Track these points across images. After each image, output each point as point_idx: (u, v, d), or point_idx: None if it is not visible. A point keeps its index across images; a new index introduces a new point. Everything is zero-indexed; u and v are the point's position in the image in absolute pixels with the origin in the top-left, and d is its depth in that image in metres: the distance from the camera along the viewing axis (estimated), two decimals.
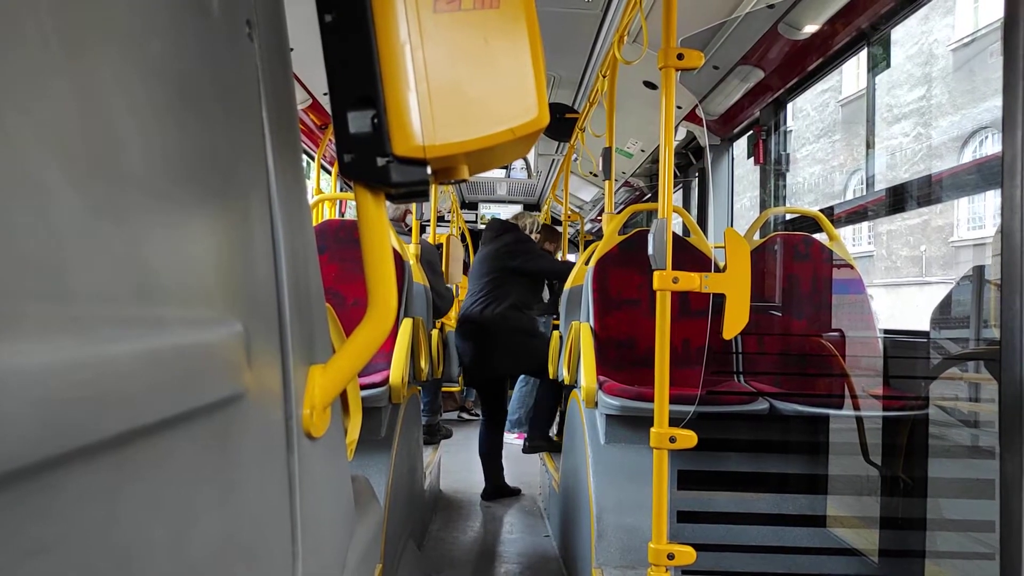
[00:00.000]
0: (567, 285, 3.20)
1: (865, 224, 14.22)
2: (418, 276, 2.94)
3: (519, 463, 4.41)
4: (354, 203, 0.65)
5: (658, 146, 1.81)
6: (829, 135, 16.90)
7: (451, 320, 5.38)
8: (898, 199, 2.51)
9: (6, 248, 0.28)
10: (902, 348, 2.52)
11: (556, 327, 3.52)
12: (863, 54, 2.82)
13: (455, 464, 4.19)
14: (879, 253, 15.13)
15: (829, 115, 16.90)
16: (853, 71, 15.60)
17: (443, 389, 4.91)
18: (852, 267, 2.83)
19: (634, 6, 2.13)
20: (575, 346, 2.62)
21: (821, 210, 2.99)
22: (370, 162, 0.60)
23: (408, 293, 2.68)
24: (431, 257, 3.38)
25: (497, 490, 3.72)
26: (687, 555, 1.50)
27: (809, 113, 17.31)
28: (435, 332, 3.18)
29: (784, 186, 3.62)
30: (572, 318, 2.92)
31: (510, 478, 3.80)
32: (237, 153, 0.56)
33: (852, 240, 15.60)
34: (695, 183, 4.79)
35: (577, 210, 6.75)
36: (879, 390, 2.36)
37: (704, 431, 1.55)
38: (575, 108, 4.22)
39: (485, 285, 3.57)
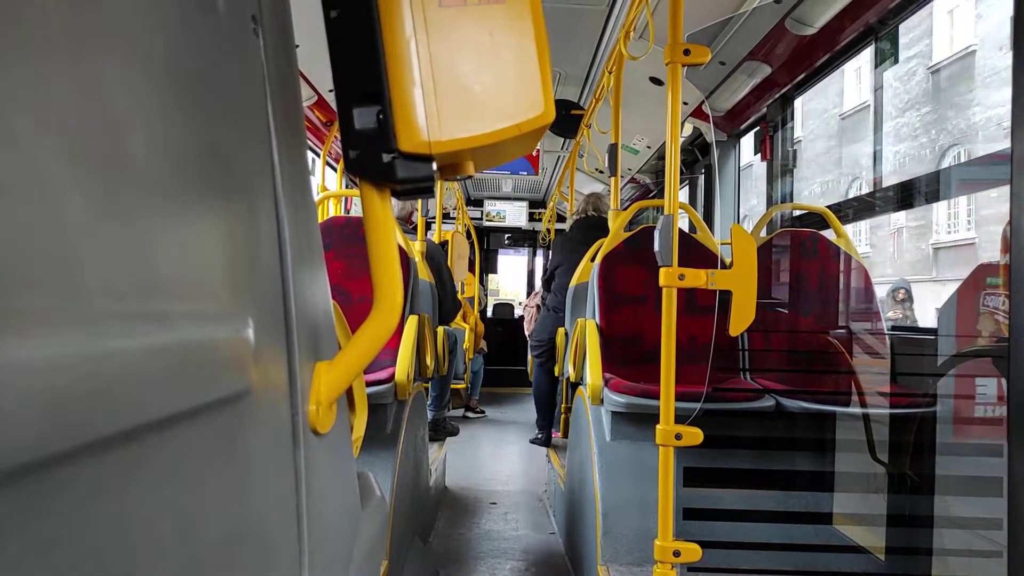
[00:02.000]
0: (572, 282, 3.19)
1: (964, 206, 12.62)
2: (423, 273, 2.94)
3: (524, 460, 4.42)
4: (359, 199, 0.65)
5: (664, 142, 1.81)
6: (917, 107, 14.16)
7: (457, 319, 5.38)
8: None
9: (12, 244, 0.28)
10: (909, 345, 2.51)
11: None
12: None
13: (461, 461, 4.20)
14: (982, 240, 12.59)
15: (917, 84, 14.17)
16: (947, 31, 13.14)
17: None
18: (860, 263, 2.81)
19: (640, 2, 2.12)
20: (581, 343, 2.62)
21: (829, 206, 2.98)
22: (375, 158, 0.60)
23: (414, 290, 2.69)
24: (438, 259, 3.33)
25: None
26: (693, 552, 1.49)
27: (891, 84, 14.52)
28: (440, 329, 3.18)
29: (792, 182, 3.59)
30: (578, 315, 2.91)
31: (514, 475, 3.80)
32: (242, 150, 0.56)
33: (948, 227, 13.49)
34: (701, 179, 4.78)
35: None
36: (886, 387, 2.35)
37: (710, 428, 1.54)
38: (581, 104, 4.22)
39: None
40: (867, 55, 2.85)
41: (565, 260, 3.64)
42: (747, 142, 3.96)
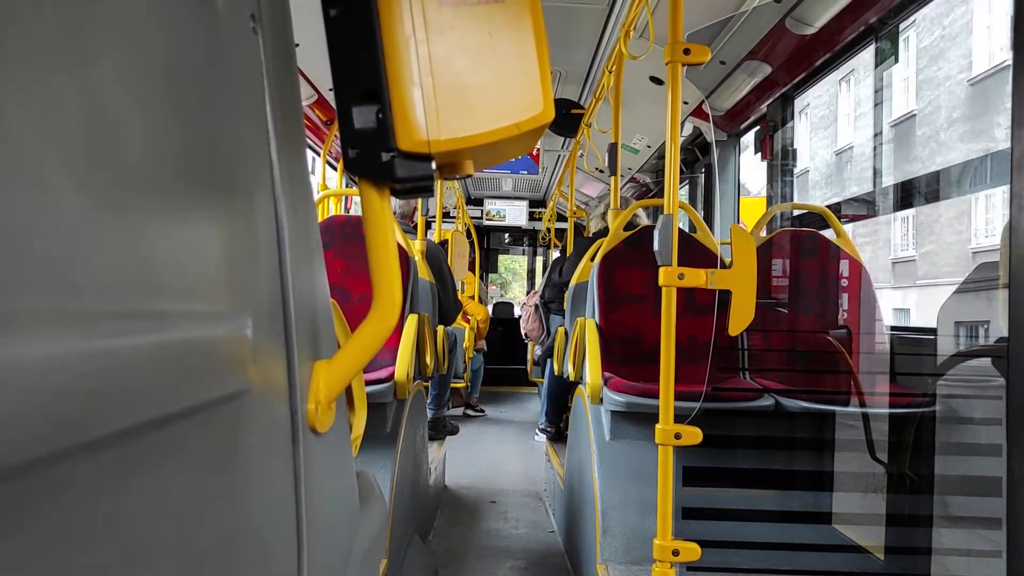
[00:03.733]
0: (572, 281, 3.19)
1: None
2: (423, 272, 2.93)
3: (524, 459, 4.42)
4: (359, 199, 0.65)
5: (664, 142, 1.81)
6: None
7: (459, 319, 5.38)
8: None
9: (10, 243, 0.28)
10: (909, 345, 2.51)
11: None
12: None
13: (460, 460, 4.20)
14: None
15: None
16: None
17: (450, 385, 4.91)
18: (860, 263, 2.81)
19: (640, 1, 2.12)
20: (581, 342, 2.62)
21: (828, 206, 2.98)
22: (375, 157, 0.60)
23: (413, 289, 2.69)
24: (438, 258, 3.31)
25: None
26: (692, 551, 1.50)
27: None
28: (440, 328, 3.18)
29: (790, 182, 3.59)
30: (578, 314, 2.91)
31: (514, 474, 3.80)
32: (241, 149, 0.55)
33: None
34: (701, 179, 4.78)
35: (583, 206, 6.74)
36: (885, 387, 2.35)
37: (709, 427, 1.54)
38: (581, 104, 4.22)
39: None
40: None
41: None
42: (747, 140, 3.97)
